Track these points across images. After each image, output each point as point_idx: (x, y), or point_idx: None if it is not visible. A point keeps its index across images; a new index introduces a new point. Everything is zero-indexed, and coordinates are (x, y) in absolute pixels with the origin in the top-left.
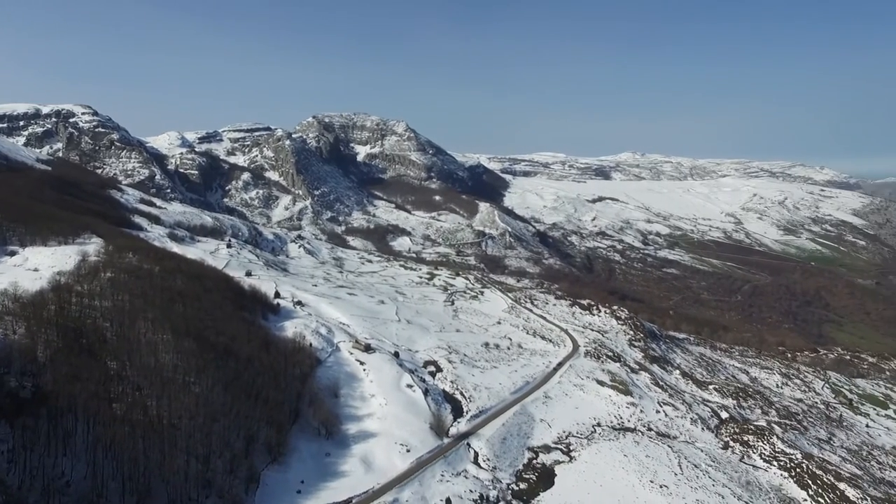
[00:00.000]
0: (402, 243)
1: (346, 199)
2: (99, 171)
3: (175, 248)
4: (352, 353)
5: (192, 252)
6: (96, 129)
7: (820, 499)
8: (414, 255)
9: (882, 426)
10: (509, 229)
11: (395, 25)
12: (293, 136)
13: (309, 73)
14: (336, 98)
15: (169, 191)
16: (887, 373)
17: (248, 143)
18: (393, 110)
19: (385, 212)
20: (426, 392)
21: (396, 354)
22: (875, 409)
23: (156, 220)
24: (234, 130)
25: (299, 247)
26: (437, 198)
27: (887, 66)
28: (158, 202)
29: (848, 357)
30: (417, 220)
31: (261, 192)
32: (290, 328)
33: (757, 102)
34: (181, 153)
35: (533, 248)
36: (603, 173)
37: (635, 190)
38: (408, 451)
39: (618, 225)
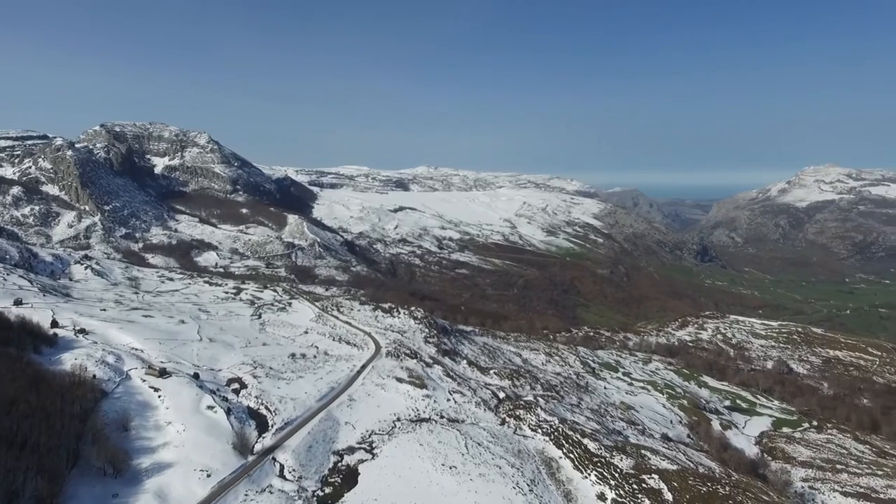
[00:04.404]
0: (208, 258)
1: (144, 214)
2: None
3: None
4: (145, 380)
5: None
6: None
7: (570, 454)
8: (221, 270)
9: (614, 386)
10: (318, 240)
11: (191, 32)
12: (77, 145)
13: (93, 78)
14: (127, 106)
15: None
16: (617, 343)
17: (19, 152)
18: (194, 121)
19: (188, 226)
20: (229, 411)
21: (197, 376)
22: (610, 373)
23: None
24: (1, 138)
25: (86, 268)
26: (245, 211)
27: (616, 108)
28: None
29: (592, 333)
30: (224, 234)
31: (37, 208)
32: (70, 360)
33: (523, 123)
34: None
35: (341, 257)
36: (402, 185)
37: (431, 200)
38: (208, 475)
39: (417, 232)
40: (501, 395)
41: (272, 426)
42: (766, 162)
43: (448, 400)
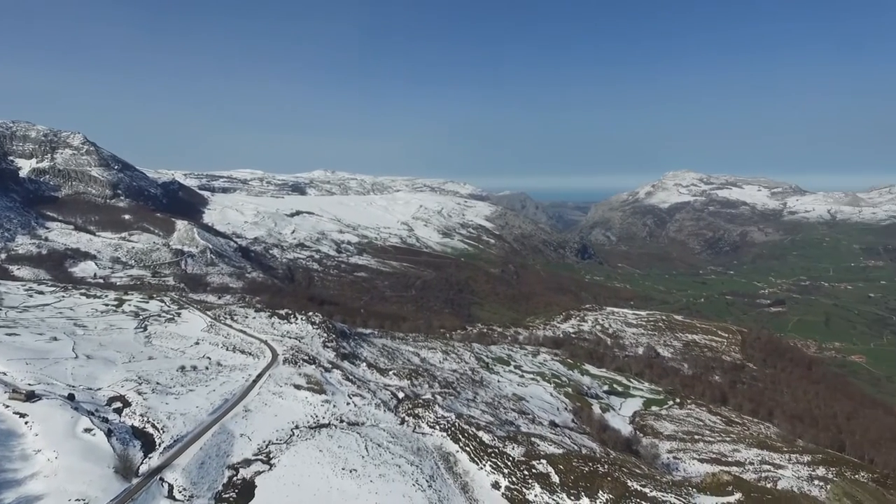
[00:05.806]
0: (85, 269)
1: (7, 221)
2: None
3: None
4: (8, 406)
5: None
6: None
7: (467, 448)
8: (101, 281)
9: (507, 379)
10: (210, 246)
11: (62, 27)
12: None
13: None
14: None
15: None
16: (509, 338)
17: None
18: (68, 122)
19: (62, 234)
20: (109, 433)
21: (72, 397)
22: (503, 367)
23: None
24: None
25: None
26: (128, 217)
27: (499, 116)
28: None
29: (485, 330)
30: (104, 242)
31: None
32: None
33: (418, 129)
34: None
35: (236, 264)
36: (299, 189)
37: (328, 204)
38: None
39: (315, 236)
40: (401, 394)
41: (160, 445)
42: (638, 166)
43: (348, 404)
